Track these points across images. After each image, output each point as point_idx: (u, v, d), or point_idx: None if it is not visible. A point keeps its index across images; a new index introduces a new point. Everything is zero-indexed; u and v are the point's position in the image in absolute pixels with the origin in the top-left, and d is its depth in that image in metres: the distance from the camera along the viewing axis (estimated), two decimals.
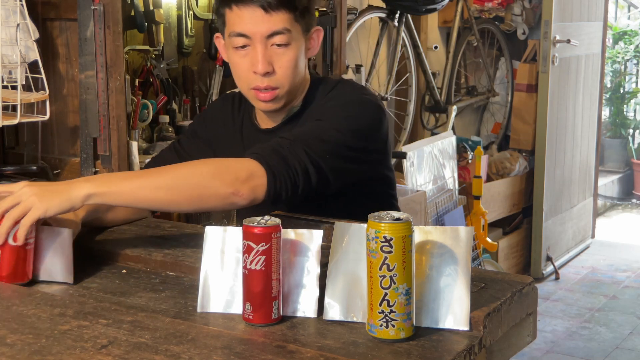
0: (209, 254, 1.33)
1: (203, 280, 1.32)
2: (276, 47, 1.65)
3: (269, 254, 1.24)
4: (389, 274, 1.18)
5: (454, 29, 4.44)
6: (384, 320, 1.19)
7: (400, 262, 1.18)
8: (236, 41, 1.66)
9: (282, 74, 1.67)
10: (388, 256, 1.17)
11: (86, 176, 2.19)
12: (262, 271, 1.24)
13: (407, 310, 1.19)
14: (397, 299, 1.18)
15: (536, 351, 3.49)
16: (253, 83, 1.68)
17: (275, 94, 1.68)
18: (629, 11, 6.97)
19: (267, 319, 1.26)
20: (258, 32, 1.63)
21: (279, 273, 1.26)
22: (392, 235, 1.17)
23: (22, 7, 2.14)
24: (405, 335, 1.19)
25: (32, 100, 2.19)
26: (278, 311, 1.26)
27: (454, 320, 1.23)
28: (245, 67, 1.67)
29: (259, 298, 1.25)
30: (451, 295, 1.23)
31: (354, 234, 1.28)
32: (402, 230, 1.18)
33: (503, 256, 4.36)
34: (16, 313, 1.25)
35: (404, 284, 1.18)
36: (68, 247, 1.46)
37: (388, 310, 1.19)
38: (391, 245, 1.17)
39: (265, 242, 1.24)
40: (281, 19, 1.63)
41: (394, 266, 1.17)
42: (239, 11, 1.64)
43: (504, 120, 4.98)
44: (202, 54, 3.37)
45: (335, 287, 1.27)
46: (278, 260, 1.25)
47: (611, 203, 6.17)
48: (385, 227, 1.17)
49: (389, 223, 1.17)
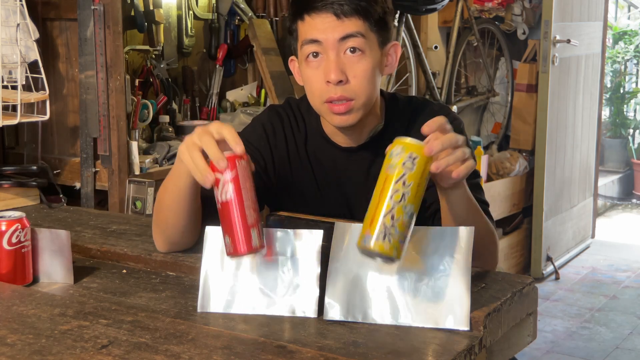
0: (209, 254, 1.33)
1: (203, 281, 1.32)
2: (350, 54, 1.56)
3: (236, 181, 1.23)
4: (403, 189, 1.19)
5: (454, 29, 4.43)
6: (383, 233, 1.18)
7: (416, 182, 1.20)
8: (308, 49, 1.58)
9: (356, 84, 1.57)
10: (408, 172, 1.19)
11: None
12: (232, 200, 1.23)
13: (405, 233, 1.19)
14: (402, 217, 1.19)
15: (536, 351, 3.49)
16: (326, 95, 1.57)
17: (350, 105, 1.57)
18: (629, 11, 6.97)
19: (247, 249, 1.24)
20: (330, 36, 1.56)
21: (253, 201, 1.25)
22: (418, 154, 1.20)
23: (22, 7, 2.14)
24: (396, 255, 1.19)
25: (32, 100, 2.18)
26: (258, 239, 1.25)
27: (454, 321, 1.23)
28: (318, 79, 1.58)
29: (235, 227, 1.24)
30: (451, 295, 1.23)
31: (354, 234, 1.28)
32: (429, 157, 1.21)
33: (503, 256, 4.36)
34: (16, 313, 1.25)
35: (412, 205, 1.19)
36: (67, 248, 1.46)
37: (390, 224, 1.18)
38: (414, 164, 1.20)
39: (231, 170, 1.23)
40: (354, 24, 1.56)
41: (410, 184, 1.19)
42: (311, 20, 1.57)
43: (504, 120, 4.98)
44: (202, 54, 3.38)
45: (336, 287, 1.27)
46: (248, 188, 1.24)
47: (611, 203, 6.17)
48: (413, 146, 1.21)
49: (417, 144, 1.21)
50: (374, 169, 1.62)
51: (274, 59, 3.31)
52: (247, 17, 3.37)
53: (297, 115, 1.75)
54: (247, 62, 3.55)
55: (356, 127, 1.65)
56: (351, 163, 1.69)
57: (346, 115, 1.59)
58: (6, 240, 1.41)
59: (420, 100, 1.75)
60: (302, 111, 1.75)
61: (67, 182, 2.57)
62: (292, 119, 1.75)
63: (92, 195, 2.54)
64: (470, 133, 5.02)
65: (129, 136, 2.59)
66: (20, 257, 1.43)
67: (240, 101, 3.45)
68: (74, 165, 2.56)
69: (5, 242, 1.41)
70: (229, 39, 3.40)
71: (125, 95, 2.51)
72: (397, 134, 1.69)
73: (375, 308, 1.26)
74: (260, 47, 3.27)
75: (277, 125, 1.73)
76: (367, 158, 1.67)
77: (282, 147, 1.72)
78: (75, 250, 1.53)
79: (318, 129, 1.72)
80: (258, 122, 1.76)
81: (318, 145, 1.72)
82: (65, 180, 2.57)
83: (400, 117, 1.71)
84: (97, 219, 1.89)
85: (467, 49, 4.68)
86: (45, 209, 2.06)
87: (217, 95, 3.35)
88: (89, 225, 1.83)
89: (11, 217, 1.44)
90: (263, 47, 3.28)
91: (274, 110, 1.78)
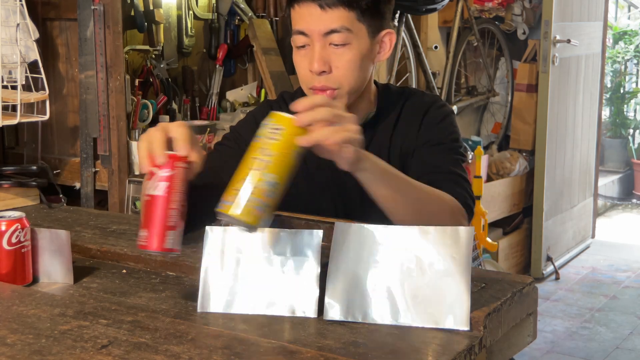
0: (209, 254, 1.33)
1: (203, 281, 1.32)
2: (334, 46, 1.59)
3: (171, 181, 1.24)
4: (264, 157, 1.20)
5: (454, 29, 4.43)
6: (239, 198, 1.19)
7: (280, 152, 1.21)
8: (297, 39, 1.62)
9: (339, 74, 1.60)
10: (270, 142, 1.21)
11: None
12: (160, 196, 1.24)
13: (265, 200, 1.20)
14: (261, 185, 1.20)
15: (536, 351, 3.49)
16: (310, 83, 1.62)
17: (333, 94, 1.60)
18: (629, 11, 6.97)
19: (159, 246, 1.24)
20: (315, 29, 1.58)
21: (181, 205, 1.25)
22: (285, 126, 1.21)
23: (22, 7, 2.14)
24: (251, 221, 1.20)
25: (32, 100, 2.18)
26: (173, 243, 1.25)
27: (454, 321, 1.23)
28: (304, 67, 1.62)
29: (154, 223, 1.24)
30: (451, 295, 1.23)
31: (354, 234, 1.28)
32: (297, 129, 1.22)
33: (503, 256, 4.36)
34: (16, 313, 1.25)
35: (273, 175, 1.20)
36: (67, 248, 1.46)
37: (247, 190, 1.19)
38: (280, 135, 1.21)
39: (169, 169, 1.24)
40: (338, 16, 1.58)
41: (273, 153, 1.20)
42: (299, 9, 1.60)
43: (504, 120, 4.98)
44: (202, 54, 3.38)
45: (336, 287, 1.27)
46: (180, 192, 1.25)
47: (611, 203, 6.17)
48: (282, 118, 1.22)
49: (287, 117, 1.22)
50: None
51: (274, 59, 3.31)
52: (247, 17, 3.37)
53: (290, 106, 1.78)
54: (247, 62, 3.55)
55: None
56: None
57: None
58: (6, 240, 1.41)
59: (412, 89, 1.79)
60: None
61: (67, 182, 2.57)
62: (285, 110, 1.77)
63: (92, 195, 2.54)
64: (470, 133, 5.02)
65: (129, 136, 2.59)
66: (20, 257, 1.43)
67: (240, 101, 3.45)
68: (74, 165, 2.56)
69: (5, 242, 1.41)
70: (229, 39, 3.40)
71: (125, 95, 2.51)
72: (388, 120, 1.72)
73: (375, 308, 1.26)
74: (260, 47, 3.27)
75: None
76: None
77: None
78: (75, 250, 1.53)
79: None
80: (251, 114, 1.80)
81: None
82: (65, 180, 2.57)
83: (392, 105, 1.73)
84: (97, 219, 1.89)
85: (467, 49, 4.68)
86: (45, 209, 2.06)
87: (217, 95, 3.35)
88: (89, 225, 1.83)
89: (11, 217, 1.44)
90: (263, 47, 3.28)
91: (267, 103, 1.83)
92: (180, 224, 1.26)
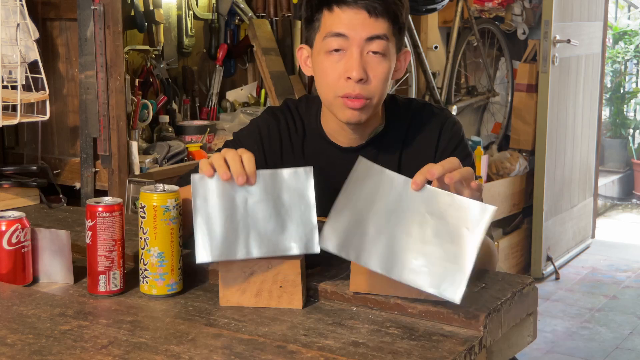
0: (200, 203, 1.31)
1: (197, 231, 1.30)
2: (372, 54, 1.57)
3: (94, 230, 1.37)
4: (143, 236, 1.36)
5: (454, 29, 4.43)
6: (142, 276, 1.39)
7: (152, 227, 1.35)
8: (331, 43, 1.57)
9: (375, 85, 1.58)
10: (142, 221, 1.36)
11: None
12: (89, 245, 1.39)
13: (160, 271, 1.37)
14: (150, 260, 1.36)
15: (536, 351, 3.49)
16: (343, 90, 1.58)
17: (364, 103, 1.58)
18: (629, 11, 6.97)
19: (93, 290, 1.40)
20: (358, 34, 1.56)
21: (109, 251, 1.37)
22: (145, 203, 1.36)
23: (22, 7, 2.14)
24: (157, 292, 1.37)
25: (32, 100, 2.18)
26: (107, 285, 1.39)
27: (447, 289, 1.21)
28: (336, 73, 1.58)
29: (89, 269, 1.40)
30: (453, 264, 1.22)
31: (373, 175, 1.29)
32: (154, 200, 1.35)
33: (503, 256, 4.36)
34: (16, 313, 1.25)
35: (156, 247, 1.36)
36: (67, 248, 1.47)
37: (144, 267, 1.38)
38: (145, 212, 1.36)
39: (91, 219, 1.37)
40: (382, 25, 1.56)
41: (147, 230, 1.35)
42: (340, 12, 1.56)
43: (504, 120, 4.98)
44: (202, 54, 3.37)
45: (338, 220, 1.28)
46: (106, 239, 1.37)
47: (611, 203, 6.17)
48: (143, 196, 1.36)
49: (144, 192, 1.36)
50: None
51: (274, 59, 3.31)
52: (247, 17, 3.37)
53: (295, 116, 1.75)
54: (247, 62, 3.55)
55: (360, 126, 1.66)
56: (350, 163, 1.69)
57: (359, 112, 1.60)
58: (6, 240, 1.41)
59: (420, 102, 1.76)
60: (301, 112, 1.76)
61: (67, 182, 2.57)
62: (290, 120, 1.75)
63: (92, 195, 2.54)
64: (470, 133, 5.02)
65: (129, 136, 2.59)
66: (20, 257, 1.43)
67: (240, 101, 3.45)
68: (74, 165, 2.56)
69: (5, 242, 1.41)
70: (229, 39, 3.40)
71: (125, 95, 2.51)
72: (397, 135, 1.70)
73: (370, 253, 1.25)
74: (260, 47, 3.27)
75: (273, 127, 1.74)
76: (367, 158, 1.67)
77: (276, 149, 1.73)
78: (75, 250, 1.53)
79: (317, 129, 1.73)
80: (254, 124, 1.77)
81: (317, 145, 1.73)
82: (65, 180, 2.57)
83: (400, 119, 1.72)
84: None
85: (467, 49, 4.68)
86: (45, 209, 2.06)
87: (217, 95, 3.35)
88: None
89: (11, 217, 1.44)
90: (263, 47, 3.28)
91: (271, 112, 1.78)
92: (112, 268, 1.40)
